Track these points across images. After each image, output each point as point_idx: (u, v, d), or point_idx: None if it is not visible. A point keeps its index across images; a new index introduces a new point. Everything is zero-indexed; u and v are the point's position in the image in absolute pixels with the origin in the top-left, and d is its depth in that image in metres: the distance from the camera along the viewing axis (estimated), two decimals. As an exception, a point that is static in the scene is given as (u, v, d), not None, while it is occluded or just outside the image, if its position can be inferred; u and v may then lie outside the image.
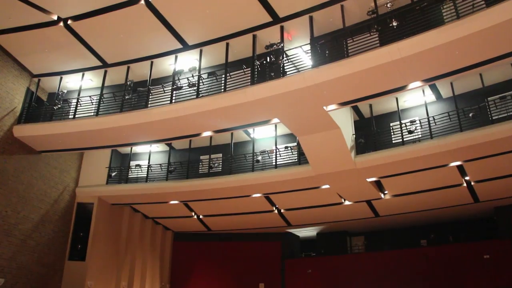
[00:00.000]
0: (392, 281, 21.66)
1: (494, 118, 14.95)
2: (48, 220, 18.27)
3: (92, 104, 17.22)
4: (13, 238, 16.33)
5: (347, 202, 20.11)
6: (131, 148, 21.45)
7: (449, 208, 20.45)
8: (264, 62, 14.22)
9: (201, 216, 23.10)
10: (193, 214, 22.77)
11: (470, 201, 19.32)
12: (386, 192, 18.90)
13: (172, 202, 21.19)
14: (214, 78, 15.54)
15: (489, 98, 15.42)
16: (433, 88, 16.38)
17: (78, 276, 18.66)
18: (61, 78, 17.90)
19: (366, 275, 22.38)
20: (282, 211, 21.70)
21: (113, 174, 20.62)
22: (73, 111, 17.22)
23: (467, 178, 17.32)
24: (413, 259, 21.73)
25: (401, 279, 21.52)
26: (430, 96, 16.88)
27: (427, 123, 16.25)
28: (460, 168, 16.65)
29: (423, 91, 16.60)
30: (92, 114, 16.76)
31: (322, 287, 23.13)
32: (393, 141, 16.93)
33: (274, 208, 21.45)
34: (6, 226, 16.07)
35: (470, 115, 14.97)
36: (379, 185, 18.48)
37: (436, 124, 16.03)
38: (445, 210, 20.81)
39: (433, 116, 16.20)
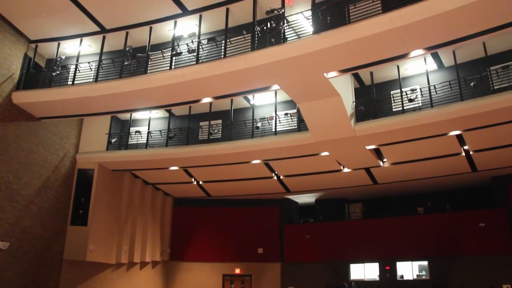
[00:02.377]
0: (389, 248, 22.09)
1: (495, 87, 14.86)
2: (50, 186, 18.43)
3: (91, 70, 17.07)
4: (16, 204, 16.52)
5: (346, 169, 20.25)
6: (131, 115, 21.40)
7: (447, 177, 20.63)
8: (265, 28, 14.00)
9: (201, 182, 23.29)
10: (193, 180, 22.94)
11: (468, 170, 19.47)
12: (385, 160, 19.01)
13: (172, 168, 21.32)
14: (214, 44, 15.37)
15: (491, 68, 15.28)
16: (435, 56, 16.22)
17: (81, 240, 18.97)
18: (59, 44, 17.65)
19: (364, 241, 22.80)
20: (281, 177, 21.86)
21: (113, 140, 20.65)
22: (72, 77, 17.09)
23: (466, 147, 17.40)
24: (410, 226, 22.10)
25: (398, 246, 21.94)
26: (431, 64, 16.73)
27: (427, 91, 16.18)
28: (459, 137, 16.70)
29: (425, 59, 16.44)
30: (91, 80, 16.62)
31: (320, 253, 23.58)
32: (393, 109, 16.88)
33: (273, 175, 21.60)
34: (9, 192, 16.24)
35: (472, 84, 14.87)
36: (378, 153, 18.57)
37: (436, 93, 15.96)
38: (443, 179, 20.99)
39: (434, 85, 16.10)
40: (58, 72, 17.10)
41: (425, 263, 21.52)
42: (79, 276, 19.53)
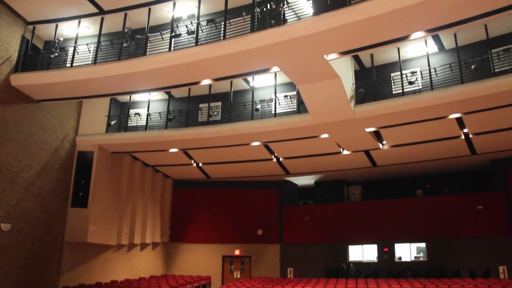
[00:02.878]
0: (388, 229, 22.27)
1: (496, 70, 14.77)
2: (50, 169, 18.47)
3: (90, 53, 16.94)
4: (16, 186, 16.58)
5: (345, 152, 20.29)
6: (130, 97, 21.35)
7: (446, 160, 20.71)
8: (264, 9, 13.86)
9: (200, 164, 23.34)
10: (193, 162, 22.99)
11: (467, 153, 19.53)
12: (384, 142, 19.03)
13: (171, 150, 21.34)
14: (213, 25, 15.23)
15: (492, 50, 15.17)
16: (436, 38, 16.11)
17: (81, 222, 19.10)
18: (56, 25, 17.48)
19: (363, 223, 22.98)
20: (280, 159, 21.91)
21: (113, 122, 20.62)
22: (71, 59, 16.96)
23: (465, 130, 17.41)
24: (409, 209, 22.25)
25: (396, 228, 22.12)
26: (432, 47, 16.63)
27: (428, 74, 16.11)
28: (459, 120, 16.69)
29: (426, 41, 16.33)
30: (90, 62, 16.50)
31: (319, 234, 23.77)
32: (393, 92, 16.85)
33: (273, 157, 21.64)
34: (9, 174, 16.28)
35: (472, 67, 14.80)
36: (377, 135, 18.58)
37: (437, 76, 15.90)
38: (442, 162, 21.06)
39: (434, 68, 16.03)
40: (56, 54, 16.95)
41: (423, 245, 21.75)
42: (80, 257, 19.73)
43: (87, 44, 16.97)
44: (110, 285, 19.97)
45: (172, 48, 15.29)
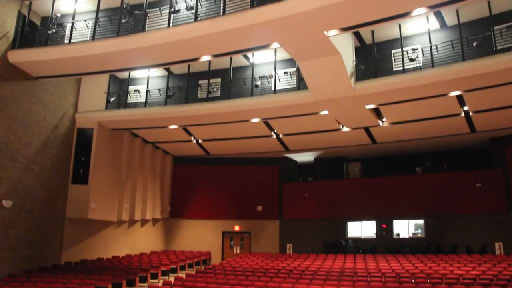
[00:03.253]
0: (386, 206, 22.44)
1: (498, 48, 14.62)
2: (50, 146, 18.48)
3: (88, 29, 16.76)
4: (17, 163, 16.63)
5: (345, 129, 20.28)
6: (129, 73, 21.21)
7: (445, 137, 20.73)
8: (264, -16, 13.69)
9: (200, 141, 23.37)
10: (192, 138, 23.01)
11: (467, 131, 19.54)
12: (384, 119, 19.01)
13: (171, 126, 21.34)
14: (213, 1, 15.03)
15: (495, 27, 14.98)
16: (438, 15, 15.89)
17: (82, 199, 19.23)
18: (53, 1, 17.24)
19: (361, 199, 23.14)
20: (280, 136, 21.92)
21: (112, 99, 20.54)
22: (69, 35, 16.78)
23: (465, 108, 17.37)
24: (408, 186, 22.38)
25: (395, 204, 22.29)
26: (434, 23, 16.42)
27: (429, 51, 15.97)
28: (459, 98, 16.64)
29: (427, 18, 16.13)
30: (88, 38, 16.35)
31: (318, 210, 23.96)
32: (394, 69, 16.73)
33: (272, 133, 21.65)
34: (9, 152, 16.30)
35: (474, 44, 14.65)
36: (377, 112, 18.55)
37: (438, 53, 15.76)
38: (442, 139, 21.09)
39: (435, 45, 15.88)
40: (54, 30, 16.73)
41: (421, 221, 21.97)
42: (81, 233, 19.94)
43: (85, 20, 16.77)
44: (112, 261, 20.24)
45: (171, 24, 15.12)
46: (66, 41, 16.73)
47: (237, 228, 25.36)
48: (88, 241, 20.30)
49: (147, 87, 21.10)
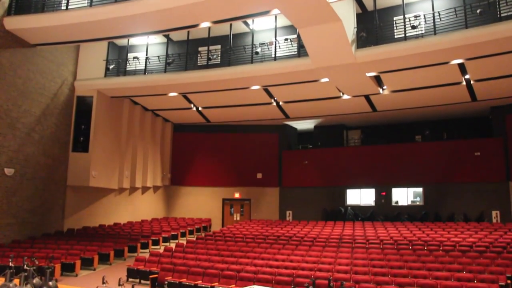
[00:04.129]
0: (386, 174, 22.56)
1: (502, 15, 14.35)
2: (50, 114, 18.46)
3: (85, -6, 16.48)
4: (17, 131, 16.66)
5: (345, 96, 20.18)
6: (128, 40, 20.98)
7: (446, 106, 20.65)
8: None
9: (200, 108, 23.31)
10: (192, 106, 22.94)
11: (468, 99, 19.44)
12: (385, 87, 18.89)
13: (171, 94, 21.24)
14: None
15: (500, -7, 14.71)
16: (442, -19, 15.61)
17: (83, 167, 19.36)
18: (49, -35, 16.93)
19: (361, 167, 23.24)
20: (280, 103, 21.84)
21: (111, 67, 20.39)
22: (65, 1, 16.49)
23: (467, 76, 17.22)
24: (407, 154, 22.44)
25: (394, 172, 22.40)
26: (437, -11, 16.14)
27: (431, 18, 15.69)
28: (461, 66, 16.46)
29: (431, -16, 15.84)
30: (86, 5, 16.07)
31: (317, 178, 24.11)
32: (396, 36, 16.49)
33: (272, 100, 21.55)
34: (9, 120, 16.30)
35: (478, 11, 14.38)
36: (378, 80, 18.41)
37: (441, 20, 15.47)
38: (442, 108, 21.02)
39: (438, 12, 15.59)
40: (50, -4, 16.50)
41: (420, 189, 22.13)
42: (83, 200, 20.17)
43: (82, -15, 16.46)
44: (113, 227, 20.54)
45: (169, -10, 14.83)
46: (63, 7, 16.47)
47: (237, 195, 25.59)
48: (90, 209, 20.55)
49: (147, 54, 20.90)
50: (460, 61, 15.83)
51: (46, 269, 6.48)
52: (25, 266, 6.33)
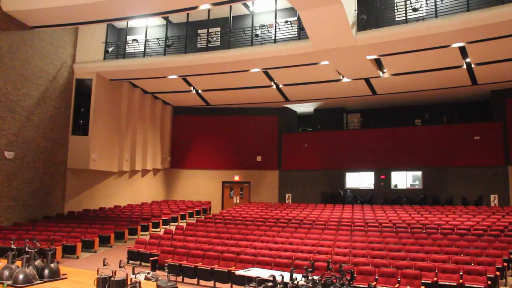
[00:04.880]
0: (385, 157, 22.60)
1: (506, -3, 14.24)
2: (49, 97, 18.41)
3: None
4: (16, 114, 16.64)
5: (345, 79, 20.10)
6: (127, 22, 20.83)
7: (446, 90, 20.59)
8: None
9: (199, 91, 23.24)
10: (192, 88, 22.86)
11: (468, 83, 19.38)
12: (385, 70, 18.81)
13: (170, 76, 21.15)
14: None
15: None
16: (444, -38, 15.41)
17: (83, 150, 19.39)
18: None
19: (361, 150, 23.27)
20: (280, 86, 21.77)
21: (110, 49, 20.28)
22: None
23: (468, 60, 17.12)
24: (407, 137, 22.45)
25: (394, 156, 22.43)
26: (440, -29, 15.94)
27: (433, 1, 15.54)
28: (462, 49, 16.36)
29: (433, -35, 15.65)
30: (83, -14, 15.91)
31: (317, 161, 24.15)
32: (396, 19, 16.39)
33: (272, 83, 21.48)
34: (8, 103, 16.27)
35: (479, -6, 14.27)
36: (378, 63, 18.33)
37: (442, 2, 15.34)
38: (442, 91, 20.96)
39: (440, -6, 15.47)
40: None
41: (419, 173, 22.20)
42: (83, 183, 20.24)
43: (79, -33, 16.24)
44: (114, 210, 20.66)
45: (167, -29, 14.68)
46: (61, -12, 16.27)
47: (236, 178, 25.66)
48: (90, 191, 20.64)
49: (146, 37, 20.78)
50: (461, 44, 15.73)
51: (47, 251, 6.53)
52: (26, 248, 6.36)
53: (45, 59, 18.21)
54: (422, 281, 9.15)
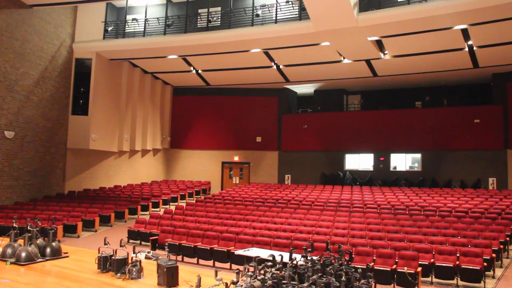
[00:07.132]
0: (385, 139, 22.65)
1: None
2: (48, 76, 18.34)
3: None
4: (16, 94, 16.60)
5: (346, 61, 20.00)
6: (127, 1, 20.62)
7: (447, 72, 20.49)
8: None
9: (199, 71, 23.14)
10: (192, 68, 22.75)
11: (470, 66, 19.27)
12: (386, 52, 18.69)
13: (170, 56, 21.04)
14: None
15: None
16: None
17: (83, 130, 19.41)
18: None
19: (360, 132, 23.28)
20: (280, 66, 21.66)
21: (110, 28, 20.12)
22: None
23: (470, 42, 17.00)
24: (407, 119, 22.45)
25: (393, 138, 22.47)
26: (443, -50, 15.72)
27: (436, -19, 15.39)
28: (464, 31, 16.23)
29: None
30: (82, -37, 15.76)
31: (317, 142, 24.19)
32: (399, 0, 16.23)
33: (273, 64, 21.37)
34: (8, 82, 16.22)
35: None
36: (379, 45, 18.21)
37: (445, -17, 15.19)
38: (443, 74, 20.87)
39: (444, -26, 15.27)
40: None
41: (418, 155, 22.26)
42: (83, 163, 20.31)
43: None
44: (114, 190, 20.76)
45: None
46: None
47: (236, 158, 25.73)
48: (90, 171, 20.72)
49: (146, 16, 20.58)
50: (463, 26, 15.60)
51: (49, 230, 6.62)
52: (28, 227, 6.44)
53: (44, 38, 18.09)
54: (420, 262, 9.27)
